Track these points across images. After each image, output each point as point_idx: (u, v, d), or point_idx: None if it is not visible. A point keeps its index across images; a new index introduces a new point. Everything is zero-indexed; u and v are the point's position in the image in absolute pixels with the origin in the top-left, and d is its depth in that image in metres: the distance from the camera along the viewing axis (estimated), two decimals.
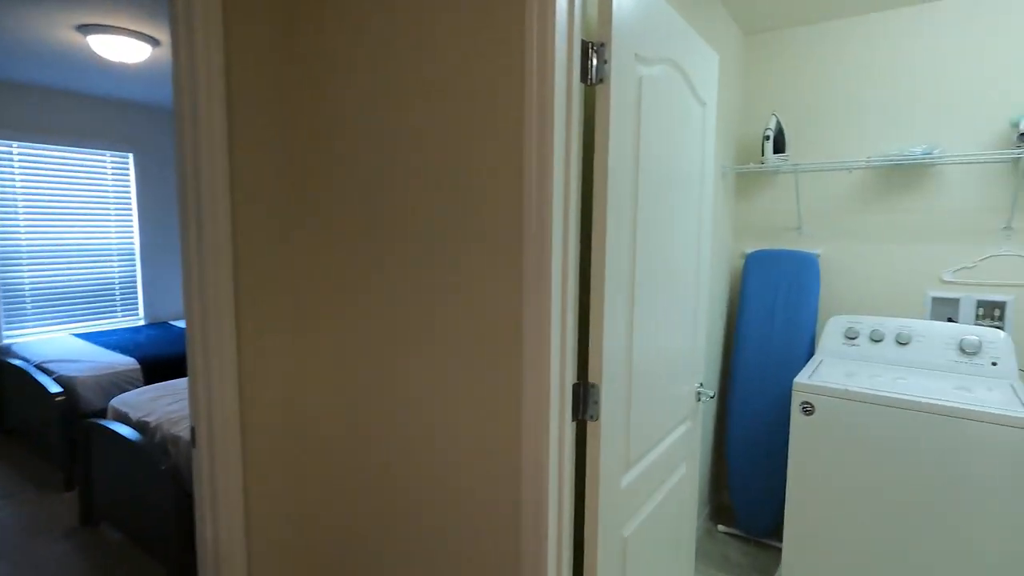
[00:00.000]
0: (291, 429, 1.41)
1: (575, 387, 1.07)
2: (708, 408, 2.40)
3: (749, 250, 2.47)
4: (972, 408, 1.55)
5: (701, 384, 1.63)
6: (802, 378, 1.82)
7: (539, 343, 1.00)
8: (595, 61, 1.02)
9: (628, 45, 1.07)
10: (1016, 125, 1.86)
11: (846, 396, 1.72)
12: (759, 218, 2.49)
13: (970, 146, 2.03)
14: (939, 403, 1.59)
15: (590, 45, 1.02)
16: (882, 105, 2.18)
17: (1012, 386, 1.77)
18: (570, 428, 1.06)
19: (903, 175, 2.16)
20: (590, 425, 1.09)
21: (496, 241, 1.04)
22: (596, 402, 1.08)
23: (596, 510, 1.08)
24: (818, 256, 2.33)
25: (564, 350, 1.02)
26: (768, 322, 2.31)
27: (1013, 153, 1.83)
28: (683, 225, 1.41)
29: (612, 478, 1.14)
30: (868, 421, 1.68)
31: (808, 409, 1.78)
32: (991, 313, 2.04)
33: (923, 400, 1.62)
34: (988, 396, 1.69)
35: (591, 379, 1.08)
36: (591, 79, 1.03)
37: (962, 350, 1.91)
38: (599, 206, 1.05)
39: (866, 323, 2.11)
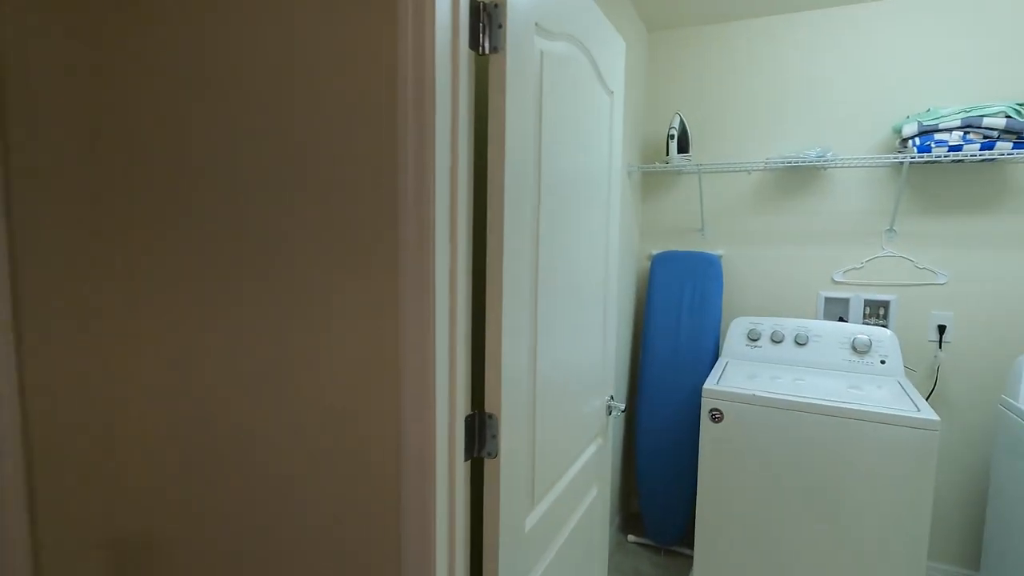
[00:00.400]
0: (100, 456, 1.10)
1: (469, 419, 0.89)
2: (619, 416, 2.32)
3: (655, 251, 2.42)
4: (863, 408, 1.56)
5: (612, 397, 1.51)
6: (710, 384, 1.77)
7: (422, 369, 0.80)
8: (488, 24, 0.84)
9: (527, 11, 0.90)
10: (898, 131, 1.93)
11: (752, 401, 1.68)
12: (665, 219, 2.45)
13: (859, 151, 2.09)
14: (834, 405, 1.59)
15: (481, 3, 0.84)
16: (780, 108, 2.21)
17: (899, 383, 1.83)
18: (463, 469, 0.88)
19: (799, 178, 2.20)
20: (487, 463, 0.91)
21: (363, 245, 0.83)
22: (495, 436, 0.90)
23: (496, 567, 0.90)
24: (721, 257, 2.32)
25: (454, 375, 0.84)
26: (674, 325, 2.27)
27: (895, 158, 1.89)
28: (590, 225, 1.28)
29: (515, 523, 0.97)
30: (773, 425, 1.66)
31: (716, 416, 1.73)
32: (876, 312, 2.12)
33: (820, 403, 1.61)
34: (878, 394, 1.72)
35: (488, 408, 0.90)
36: (483, 47, 0.85)
37: (854, 349, 1.96)
38: (495, 201, 0.87)
39: (767, 324, 2.12)
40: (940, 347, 2.03)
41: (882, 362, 1.92)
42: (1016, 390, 1.69)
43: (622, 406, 1.49)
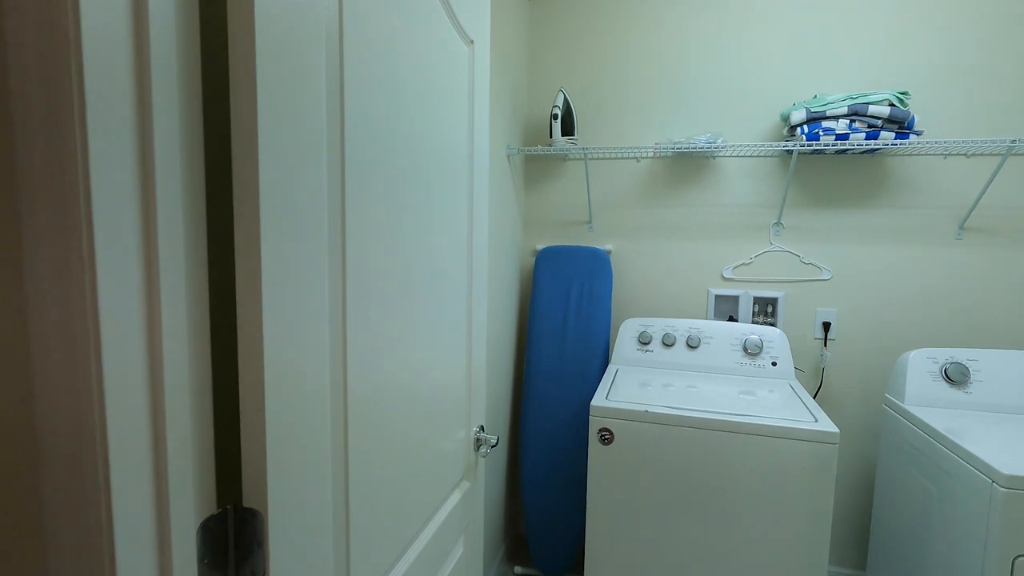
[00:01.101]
0: None
1: (206, 528, 0.53)
2: (504, 408, 2.04)
3: (540, 246, 2.17)
4: (760, 423, 1.40)
5: (481, 427, 1.21)
6: (599, 400, 1.53)
7: (79, 431, 0.44)
8: None
9: None
10: (786, 118, 1.82)
11: (645, 419, 1.47)
12: (550, 210, 2.20)
13: (749, 139, 1.97)
14: (731, 420, 1.42)
15: None
16: (670, 91, 2.04)
17: (791, 386, 1.72)
18: None
19: (689, 167, 2.05)
20: None
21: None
22: (260, 544, 0.56)
23: None
24: (610, 253, 2.12)
25: (161, 444, 0.48)
26: (561, 329, 2.04)
27: (784, 146, 1.78)
28: (443, 212, 0.96)
29: None
30: (667, 442, 1.45)
31: (606, 437, 1.50)
32: (765, 309, 2.03)
33: (716, 418, 1.43)
34: (770, 399, 1.59)
35: (248, 502, 0.56)
36: None
37: (746, 351, 1.83)
38: (245, 161, 0.52)
39: (658, 326, 1.95)
40: (825, 345, 1.96)
41: (773, 364, 1.81)
42: (900, 389, 1.63)
43: (494, 439, 1.20)
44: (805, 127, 1.74)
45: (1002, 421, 1.46)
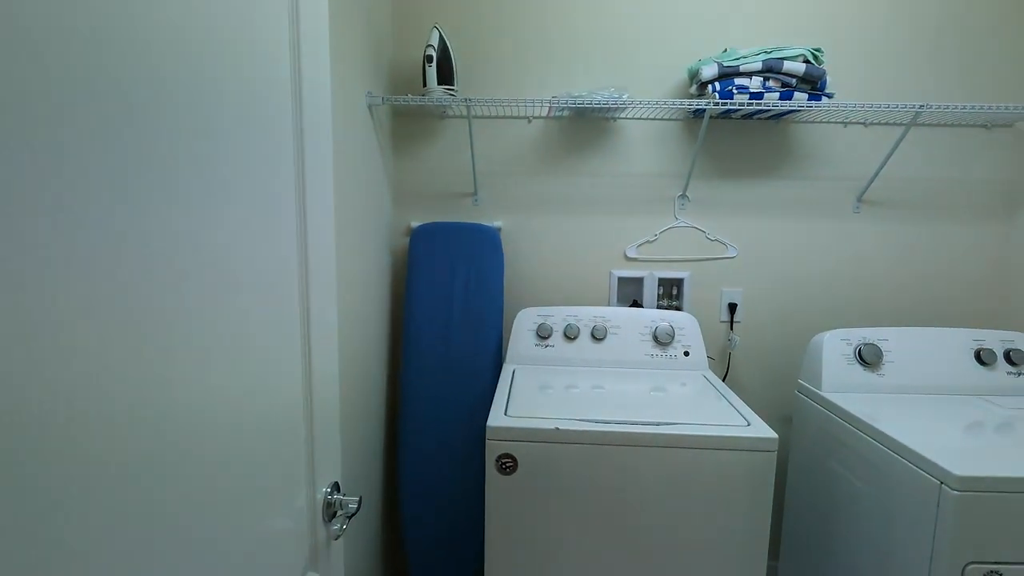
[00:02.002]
0: None
1: None
2: (374, 440, 1.64)
3: (416, 223, 1.78)
4: (687, 434, 1.16)
5: (334, 487, 0.82)
6: (496, 420, 1.20)
7: None
8: None
9: None
10: (695, 74, 1.60)
11: (555, 438, 1.16)
12: (428, 180, 1.81)
13: (654, 98, 1.73)
14: (654, 432, 1.16)
15: None
16: (567, 42, 1.73)
17: (706, 378, 1.52)
18: None
19: (589, 130, 1.77)
20: None
21: None
22: None
23: None
24: (500, 230, 1.78)
25: None
26: (445, 321, 1.67)
27: (695, 105, 1.55)
28: (246, 176, 0.55)
29: None
30: (582, 463, 1.17)
31: (508, 465, 1.17)
32: (670, 292, 1.83)
33: (638, 431, 1.16)
34: (685, 396, 1.38)
35: None
36: None
37: (656, 340, 1.61)
38: None
39: (558, 316, 1.66)
40: (732, 328, 1.82)
41: (686, 353, 1.60)
42: (815, 374, 1.51)
43: (354, 502, 0.81)
44: (717, 84, 1.52)
45: (922, 404, 1.38)
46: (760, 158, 1.76)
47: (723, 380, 1.83)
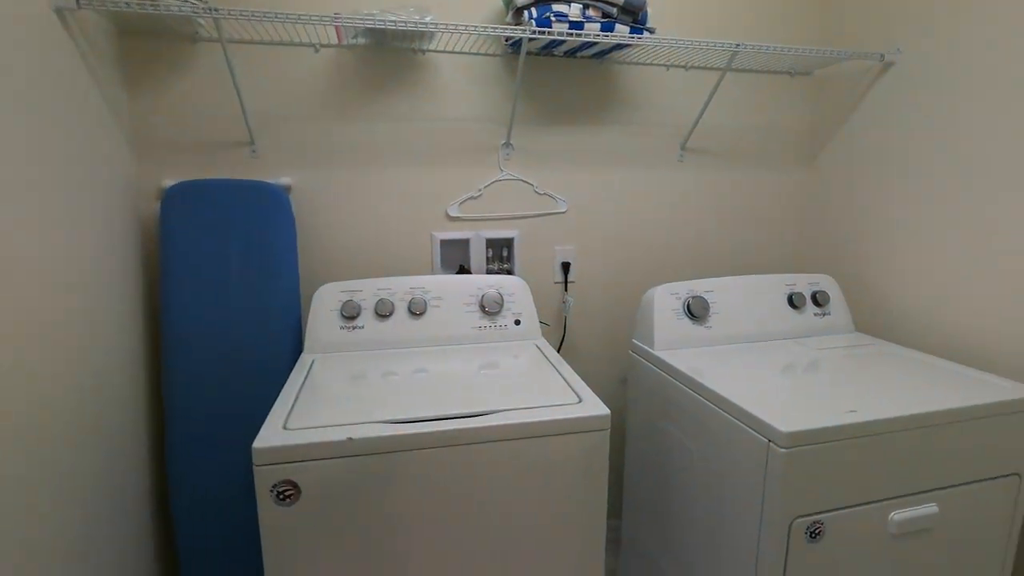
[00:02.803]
0: None
1: None
2: (132, 484, 1.24)
3: (170, 182, 1.36)
4: (511, 423, 0.98)
5: None
6: (270, 434, 0.90)
7: None
8: None
9: None
10: (508, 1, 1.38)
11: (351, 450, 0.91)
12: (185, 124, 1.39)
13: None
14: (469, 426, 0.96)
15: None
16: None
17: (538, 347, 1.37)
18: None
19: (393, 63, 1.47)
20: None
21: None
22: None
23: None
24: (289, 189, 1.44)
25: None
26: (221, 309, 1.31)
27: (508, 31, 1.34)
28: None
29: None
30: (386, 477, 0.93)
31: (288, 494, 0.89)
32: (500, 254, 1.64)
33: (447, 428, 0.95)
34: (517, 370, 1.21)
35: None
36: None
37: (484, 310, 1.41)
38: None
39: (368, 291, 1.38)
40: (566, 289, 1.69)
41: (517, 322, 1.43)
42: (647, 332, 1.43)
43: None
44: (533, 10, 1.32)
45: (746, 354, 1.36)
46: (585, 102, 1.61)
47: (560, 345, 1.71)
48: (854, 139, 1.65)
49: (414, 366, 1.23)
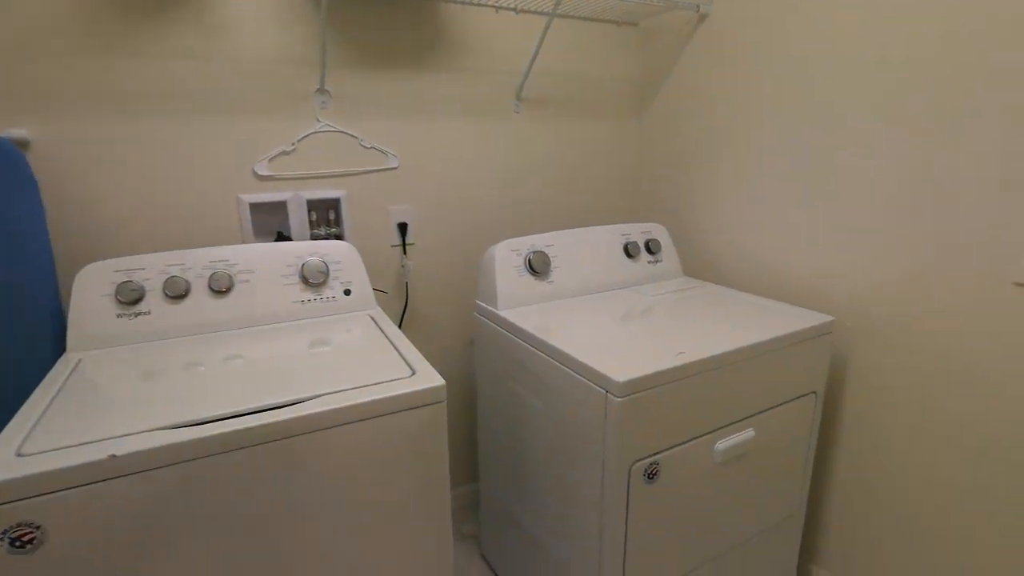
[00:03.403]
0: None
1: None
2: None
3: None
4: (336, 408, 0.86)
5: None
6: (2, 464, 0.68)
7: None
8: None
9: None
10: None
11: (104, 474, 0.72)
12: None
13: None
14: (256, 425, 0.83)
15: None
16: None
17: (372, 318, 1.24)
18: None
19: None
20: None
21: None
22: None
23: None
24: (25, 146, 1.12)
25: None
26: None
27: None
28: None
29: None
30: (155, 501, 0.76)
31: (27, 539, 0.69)
32: (326, 217, 1.46)
33: (234, 430, 0.81)
34: (351, 344, 1.08)
35: None
36: None
37: (306, 281, 1.24)
38: None
39: (153, 268, 1.13)
40: (405, 252, 1.57)
41: (347, 292, 1.28)
42: (490, 291, 1.37)
43: None
44: None
45: (586, 306, 1.35)
46: (411, 45, 1.46)
47: (403, 313, 1.60)
48: (678, 90, 1.70)
49: (226, 353, 1.04)
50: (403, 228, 1.54)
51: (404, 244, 1.56)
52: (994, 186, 1.04)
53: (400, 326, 1.60)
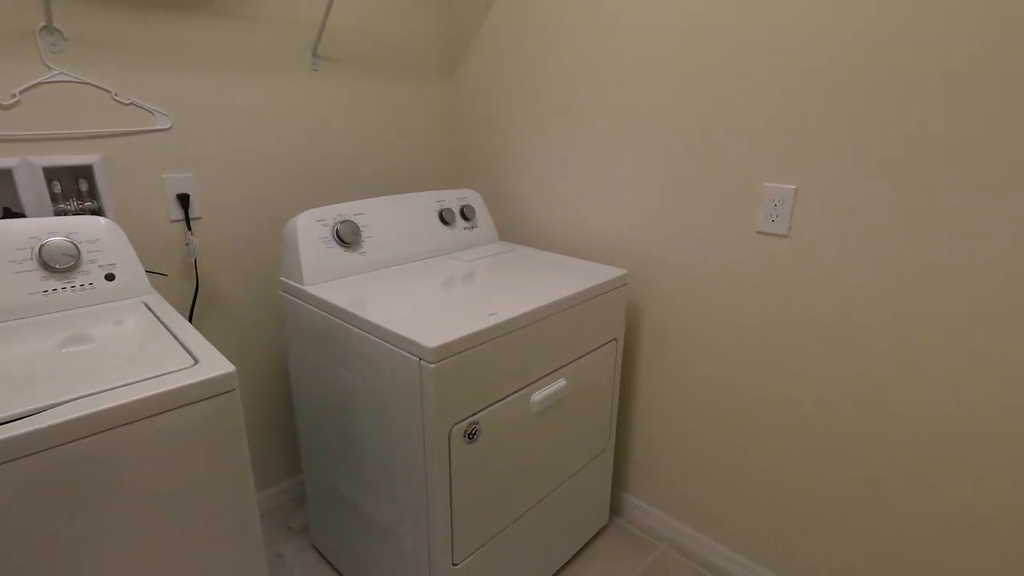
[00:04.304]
0: None
1: None
2: None
3: None
4: (105, 409, 0.72)
5: None
6: None
7: None
8: None
9: None
10: None
11: None
12: None
13: None
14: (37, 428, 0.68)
15: None
16: None
17: (147, 305, 1.06)
18: None
19: None
20: None
21: None
22: None
23: None
24: None
25: None
26: None
27: None
28: None
29: None
30: None
31: None
32: (77, 188, 1.21)
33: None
34: (121, 339, 0.92)
35: None
36: None
37: (49, 267, 1.01)
38: None
39: None
40: (189, 227, 1.36)
41: (110, 277, 1.08)
42: (295, 267, 1.26)
43: None
44: None
45: (401, 276, 1.32)
46: None
47: (194, 299, 1.40)
48: (486, 51, 1.71)
49: None
50: (184, 200, 1.34)
51: (188, 218, 1.35)
52: (734, 150, 1.23)
53: (191, 313, 1.40)
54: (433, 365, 0.97)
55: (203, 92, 1.32)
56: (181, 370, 0.81)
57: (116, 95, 1.21)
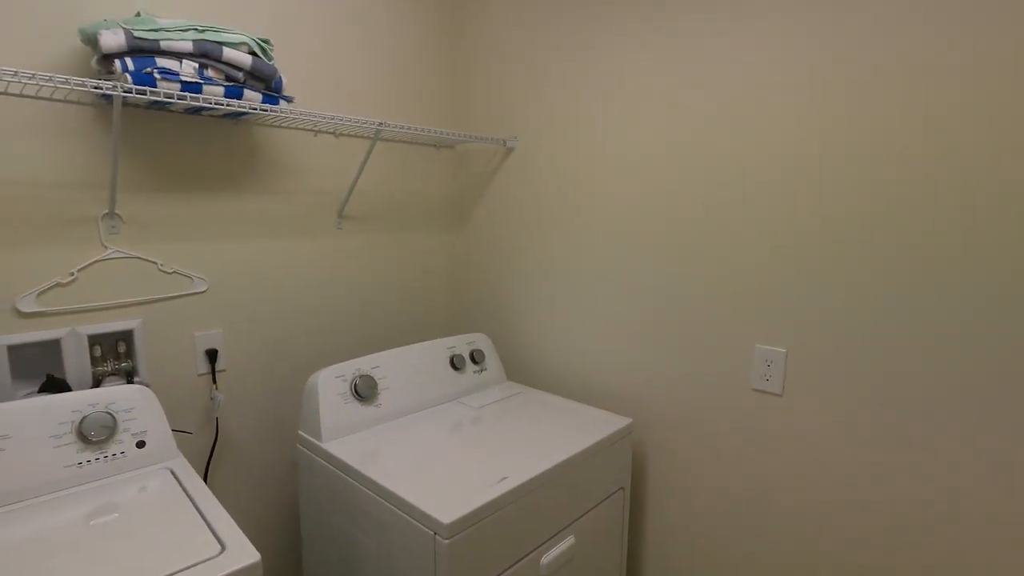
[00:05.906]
0: None
1: None
2: None
3: None
4: None
5: None
6: None
7: None
8: None
9: None
10: (93, 42, 1.09)
11: None
12: None
13: (30, 66, 1.11)
14: None
15: None
16: None
17: (172, 472, 1.11)
18: None
19: None
20: None
21: None
22: None
23: None
24: None
25: None
26: None
27: (93, 85, 1.05)
28: None
29: None
30: None
31: None
32: (115, 350, 1.29)
33: None
34: (140, 508, 0.96)
35: None
36: None
37: (86, 440, 1.07)
38: None
39: None
40: (215, 382, 1.43)
41: (140, 445, 1.13)
42: (313, 423, 1.32)
43: None
44: (129, 62, 1.07)
45: (413, 427, 1.36)
46: (220, 165, 1.41)
47: (211, 450, 1.44)
48: (492, 208, 1.87)
49: None
50: (212, 355, 1.42)
51: (214, 372, 1.43)
52: (727, 312, 1.33)
53: (208, 465, 1.44)
54: (447, 541, 1.00)
55: (238, 256, 1.45)
56: (208, 560, 0.84)
57: (161, 265, 1.33)
